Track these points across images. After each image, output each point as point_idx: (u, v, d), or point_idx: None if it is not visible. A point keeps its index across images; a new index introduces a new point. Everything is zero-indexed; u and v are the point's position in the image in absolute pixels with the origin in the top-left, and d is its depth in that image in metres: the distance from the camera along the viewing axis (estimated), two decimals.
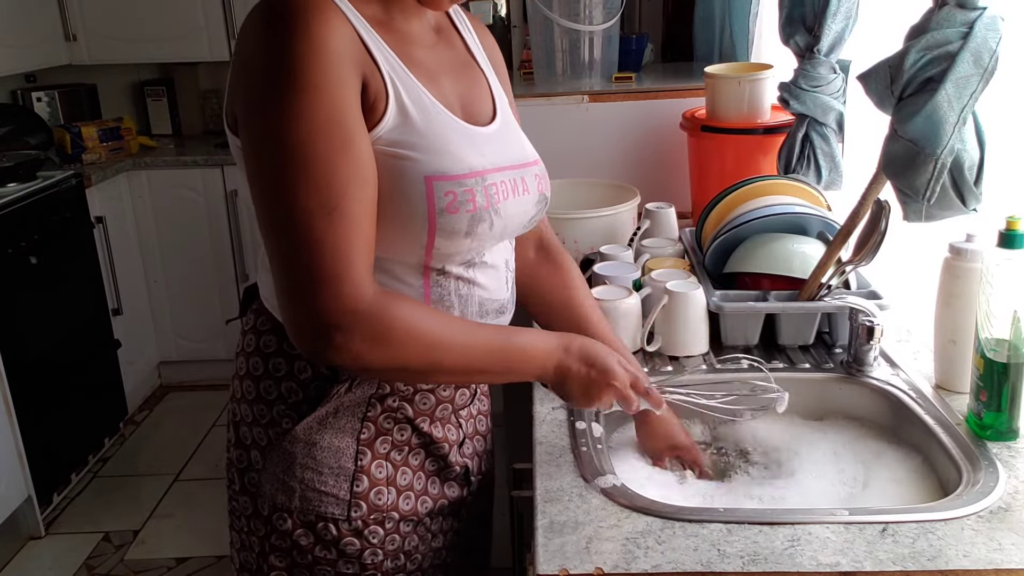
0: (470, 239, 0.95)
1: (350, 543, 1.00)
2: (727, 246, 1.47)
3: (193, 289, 3.55)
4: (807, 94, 1.65)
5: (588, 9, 2.34)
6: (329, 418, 0.98)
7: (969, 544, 0.88)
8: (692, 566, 0.86)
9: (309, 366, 0.98)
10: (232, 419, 1.06)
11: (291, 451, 0.98)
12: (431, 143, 0.91)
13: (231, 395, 1.07)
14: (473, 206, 0.93)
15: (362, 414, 0.99)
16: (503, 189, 0.97)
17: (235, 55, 0.89)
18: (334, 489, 0.98)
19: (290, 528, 1.00)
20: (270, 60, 0.83)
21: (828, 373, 1.28)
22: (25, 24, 3.26)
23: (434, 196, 0.90)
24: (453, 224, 0.92)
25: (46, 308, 2.83)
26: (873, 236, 1.23)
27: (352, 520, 0.99)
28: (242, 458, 1.04)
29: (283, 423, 0.99)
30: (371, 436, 1.00)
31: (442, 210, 0.91)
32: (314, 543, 1.00)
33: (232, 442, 1.06)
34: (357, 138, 0.86)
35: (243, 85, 0.87)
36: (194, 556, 2.57)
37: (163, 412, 3.51)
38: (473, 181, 0.93)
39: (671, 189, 2.05)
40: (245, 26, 0.88)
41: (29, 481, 2.61)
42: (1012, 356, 1.03)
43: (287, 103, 0.82)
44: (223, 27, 3.53)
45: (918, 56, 1.08)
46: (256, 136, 0.85)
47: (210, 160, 3.41)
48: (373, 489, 1.00)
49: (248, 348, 1.03)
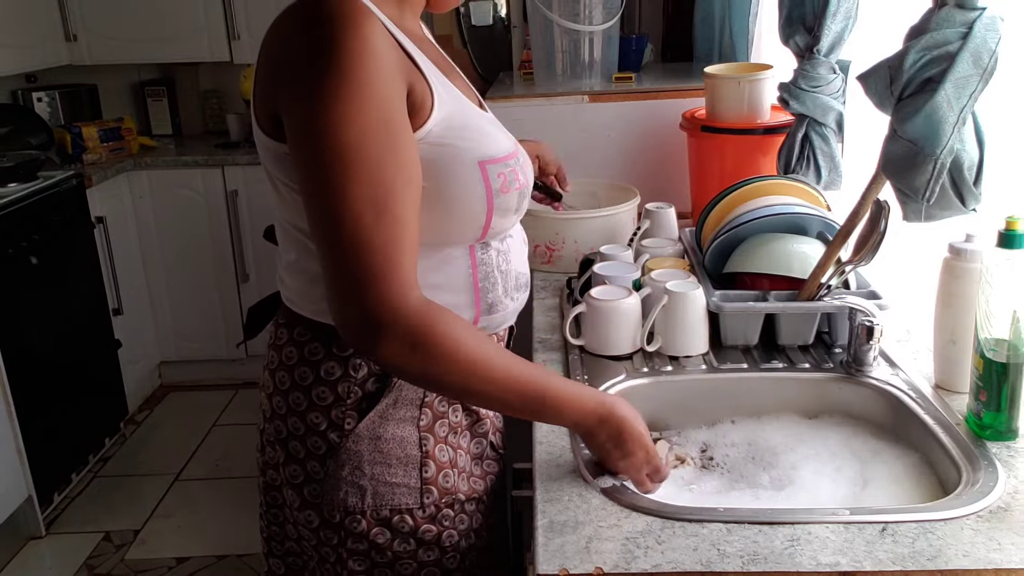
0: (517, 214, 1.04)
1: (427, 530, 1.02)
2: (727, 246, 1.47)
3: (193, 289, 3.55)
4: (807, 94, 1.65)
5: (588, 9, 2.34)
6: (389, 410, 1.00)
7: (969, 544, 0.88)
8: (692, 566, 0.86)
9: (364, 362, 1.00)
10: (276, 437, 1.05)
11: (357, 450, 0.99)
12: (473, 132, 0.97)
13: (269, 414, 1.06)
14: (519, 183, 1.02)
15: (420, 400, 1.02)
16: (526, 164, 1.06)
17: (269, 59, 0.90)
18: (404, 479, 1.00)
19: (365, 529, 1.00)
20: (320, 62, 0.84)
21: (828, 373, 1.28)
22: (25, 24, 3.27)
23: (489, 179, 0.97)
24: (507, 202, 1.00)
25: (47, 308, 2.83)
26: (873, 236, 1.23)
27: (425, 507, 1.01)
28: (297, 473, 1.03)
29: (345, 424, 1.00)
30: (429, 421, 1.02)
31: (497, 191, 0.98)
32: (392, 538, 1.01)
33: (279, 462, 1.05)
34: (405, 139, 0.88)
35: (288, 87, 0.87)
36: (194, 556, 2.57)
37: (163, 412, 3.51)
38: (514, 161, 1.02)
39: (671, 189, 2.05)
40: (282, 30, 0.89)
41: (30, 481, 2.61)
42: (1011, 356, 1.03)
43: (339, 104, 0.83)
44: (223, 27, 3.53)
45: (918, 56, 1.08)
46: (307, 137, 0.85)
47: (210, 160, 3.41)
48: (440, 473, 1.02)
49: (289, 361, 1.02)
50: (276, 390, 1.04)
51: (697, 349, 1.35)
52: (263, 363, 1.09)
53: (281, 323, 1.05)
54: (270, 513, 1.11)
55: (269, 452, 1.07)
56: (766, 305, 1.34)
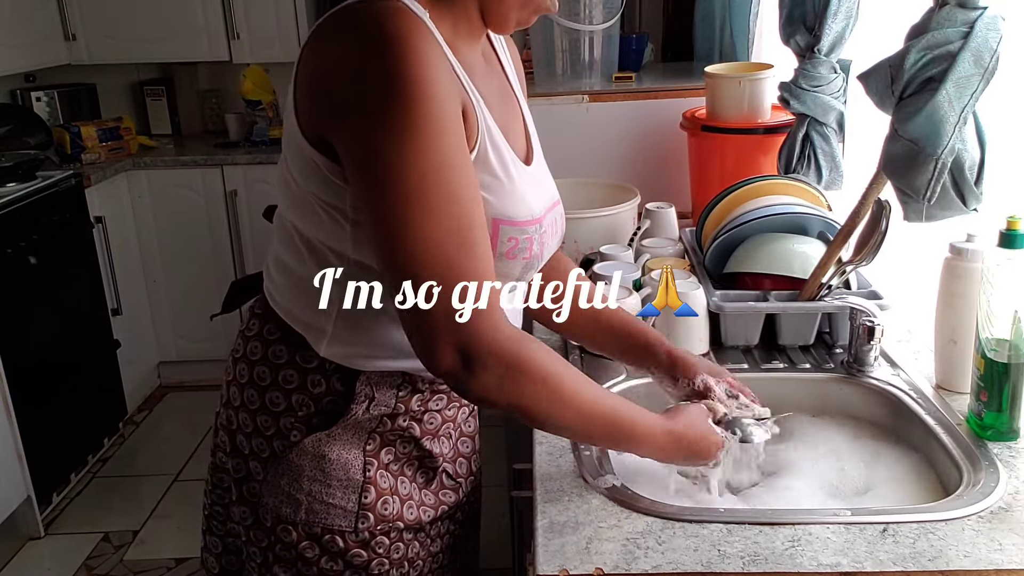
0: (517, 282, 0.97)
1: (357, 554, 0.99)
2: (727, 246, 1.47)
3: (193, 289, 3.54)
4: (807, 94, 1.65)
5: (588, 8, 2.34)
6: (338, 431, 0.97)
7: (970, 544, 0.88)
8: (692, 566, 0.86)
9: (323, 380, 0.97)
10: (226, 425, 1.04)
11: (299, 464, 0.97)
12: (503, 185, 0.90)
13: (225, 400, 1.05)
14: (529, 254, 0.94)
15: (371, 428, 0.99)
16: (549, 233, 0.98)
17: (316, 75, 0.84)
18: (342, 501, 0.98)
19: (295, 540, 0.99)
20: (386, 91, 0.78)
21: (828, 373, 1.28)
22: (24, 24, 3.26)
23: (498, 240, 0.90)
24: (508, 269, 0.94)
25: (46, 308, 2.82)
26: (874, 236, 1.22)
27: (359, 531, 0.98)
28: (240, 467, 1.02)
29: (291, 435, 0.98)
30: (376, 447, 0.99)
31: (502, 255, 0.92)
32: (320, 555, 0.99)
33: (226, 449, 1.04)
34: (470, 165, 0.84)
35: (349, 116, 0.81)
36: (193, 556, 2.56)
37: (162, 412, 3.51)
38: (533, 229, 0.94)
39: (671, 189, 2.05)
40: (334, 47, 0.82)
41: (28, 481, 2.61)
42: (1013, 356, 1.03)
43: (413, 137, 0.78)
44: (223, 27, 3.52)
45: (919, 56, 1.08)
46: (378, 171, 0.80)
47: (210, 160, 3.41)
48: (380, 500, 0.99)
49: (252, 356, 1.01)
50: (235, 380, 1.03)
51: (697, 349, 1.35)
52: (230, 348, 1.06)
53: (256, 312, 1.03)
54: (215, 493, 1.09)
55: (220, 436, 1.06)
56: (767, 305, 1.34)
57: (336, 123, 0.83)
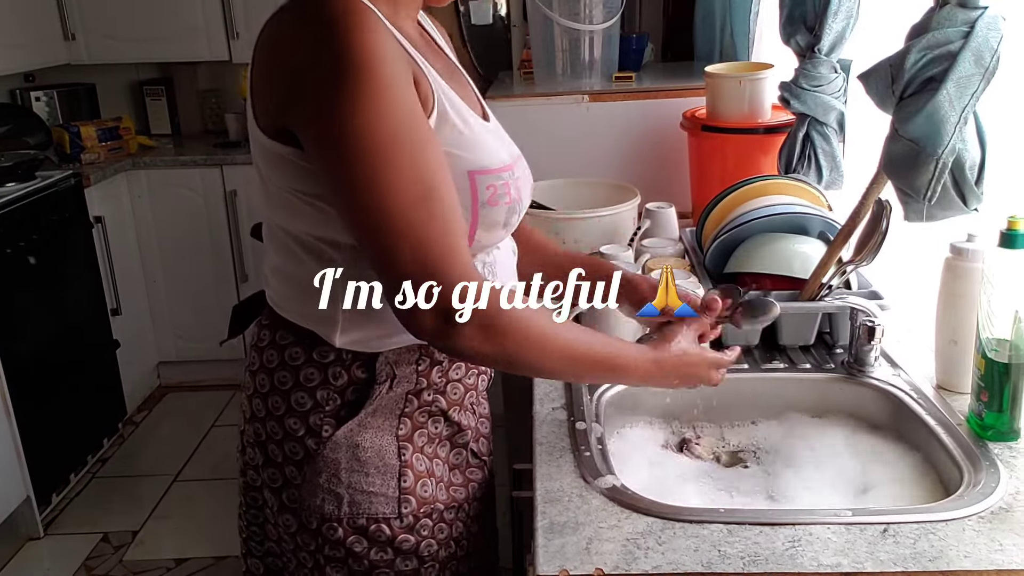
0: (505, 229, 1.01)
1: (405, 539, 1.01)
2: (728, 246, 1.47)
3: (192, 289, 3.54)
4: (808, 93, 1.65)
5: (588, 8, 2.34)
6: (367, 419, 0.99)
7: (970, 545, 0.88)
8: (692, 567, 0.86)
9: (344, 371, 0.98)
10: (254, 440, 1.04)
11: (334, 458, 0.98)
12: (469, 140, 0.94)
13: (249, 416, 1.05)
14: (509, 198, 0.98)
15: (399, 410, 1.00)
16: (523, 179, 1.03)
17: (270, 67, 0.88)
18: (382, 488, 0.99)
19: (342, 536, 0.99)
20: (336, 66, 0.82)
21: (829, 373, 1.28)
22: (24, 24, 3.26)
23: (477, 190, 0.94)
24: (494, 216, 0.97)
25: (45, 308, 2.82)
26: (874, 236, 1.22)
27: (403, 516, 1.00)
28: (275, 477, 1.02)
29: (323, 431, 0.99)
30: (408, 431, 1.01)
31: (484, 203, 0.95)
32: (369, 547, 1.00)
33: (258, 464, 1.05)
34: (429, 128, 0.88)
35: (305, 98, 0.84)
36: (193, 557, 2.56)
37: (162, 412, 3.51)
38: (508, 174, 0.98)
39: (671, 189, 2.05)
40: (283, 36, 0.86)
41: (28, 481, 2.61)
42: (1013, 356, 1.03)
43: (366, 105, 0.81)
44: (222, 27, 3.53)
45: (919, 55, 1.08)
46: (338, 144, 0.83)
47: (209, 160, 3.41)
48: (419, 482, 1.01)
49: (270, 364, 1.02)
50: (256, 392, 1.03)
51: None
52: (244, 364, 1.08)
53: (264, 324, 1.04)
54: (249, 513, 1.10)
55: (249, 453, 1.06)
56: None
57: (293, 107, 0.86)
